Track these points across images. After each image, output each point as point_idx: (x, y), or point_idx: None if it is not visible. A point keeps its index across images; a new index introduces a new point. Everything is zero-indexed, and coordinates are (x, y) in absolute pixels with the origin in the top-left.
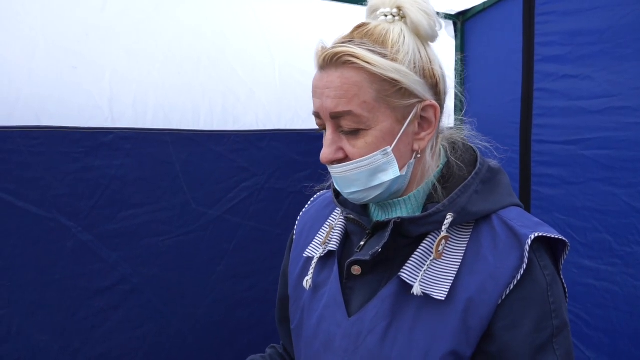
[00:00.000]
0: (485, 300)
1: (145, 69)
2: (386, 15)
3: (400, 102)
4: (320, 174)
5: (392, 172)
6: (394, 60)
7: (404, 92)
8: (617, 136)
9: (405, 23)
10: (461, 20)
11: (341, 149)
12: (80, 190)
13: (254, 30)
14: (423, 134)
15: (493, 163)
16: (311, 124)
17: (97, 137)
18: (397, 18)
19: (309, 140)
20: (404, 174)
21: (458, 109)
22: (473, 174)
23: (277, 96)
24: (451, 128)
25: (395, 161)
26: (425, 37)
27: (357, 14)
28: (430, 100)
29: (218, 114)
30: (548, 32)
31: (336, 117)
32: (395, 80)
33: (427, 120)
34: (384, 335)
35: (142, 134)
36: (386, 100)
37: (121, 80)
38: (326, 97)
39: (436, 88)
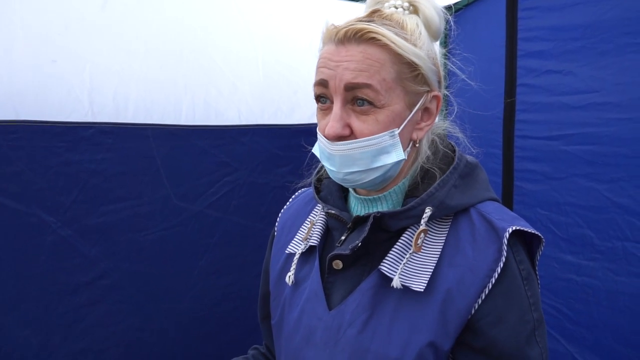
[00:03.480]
0: (464, 292)
1: (126, 63)
2: (397, 8)
3: (415, 87)
4: (302, 168)
5: (395, 155)
6: (415, 45)
7: (420, 78)
8: (600, 132)
9: (419, 17)
10: None
11: (348, 125)
12: (60, 184)
13: (238, 23)
14: (423, 124)
15: (470, 158)
16: (293, 118)
17: (77, 132)
18: (407, 12)
19: (291, 135)
20: (406, 157)
21: (442, 104)
22: (451, 168)
23: (260, 90)
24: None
25: (400, 144)
26: (434, 34)
27: (342, 10)
28: (437, 91)
29: (200, 109)
30: (531, 27)
31: (351, 88)
32: (415, 65)
33: (429, 111)
34: (364, 327)
35: (123, 129)
36: (403, 83)
37: (102, 74)
38: (344, 69)
39: (440, 81)
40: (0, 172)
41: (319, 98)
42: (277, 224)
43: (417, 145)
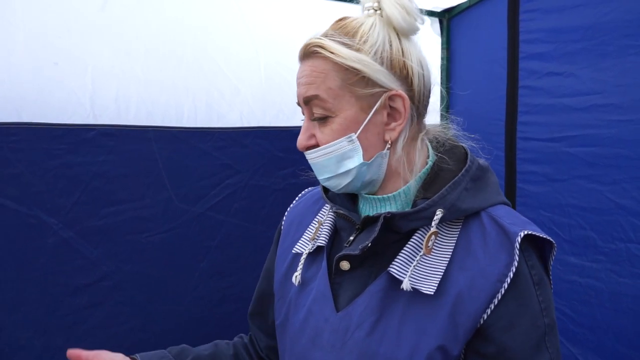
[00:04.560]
0: (474, 296)
1: (127, 65)
2: (368, 9)
3: (364, 90)
4: (304, 171)
5: (357, 159)
6: (358, 50)
7: (367, 81)
8: (601, 133)
9: (381, 16)
10: (447, 18)
11: (313, 135)
12: (62, 186)
13: (239, 26)
14: (393, 124)
15: (482, 161)
16: (295, 121)
17: (78, 134)
18: (377, 12)
19: (293, 137)
20: (369, 161)
21: (444, 106)
22: (463, 171)
23: (261, 93)
24: (439, 125)
25: (361, 148)
26: (400, 30)
27: (341, 11)
28: (397, 90)
29: (202, 111)
30: (532, 29)
31: (307, 101)
32: (357, 70)
33: (396, 110)
34: (372, 330)
35: (124, 131)
36: (350, 89)
37: (103, 76)
38: (301, 85)
39: (406, 79)
40: (0, 174)
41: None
42: (283, 221)
43: (389, 146)
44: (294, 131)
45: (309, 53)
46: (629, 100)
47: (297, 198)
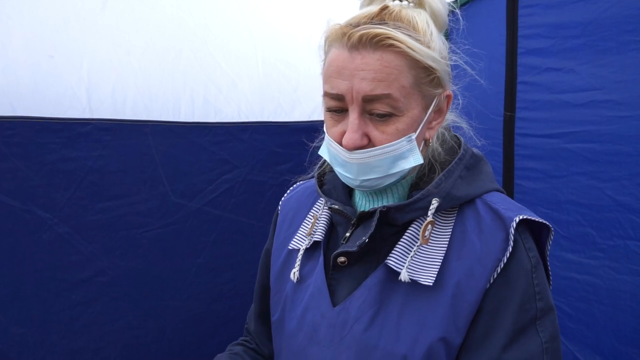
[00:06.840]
0: (473, 285)
1: (124, 59)
2: (401, 0)
3: (430, 90)
4: (302, 166)
5: (413, 160)
6: (429, 47)
7: (436, 81)
8: (601, 129)
9: (425, 10)
10: None
11: (366, 134)
12: (57, 181)
13: (237, 20)
14: (434, 123)
15: (476, 150)
16: (293, 116)
17: (74, 128)
18: (412, 5)
19: (291, 133)
20: (422, 160)
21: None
22: (457, 159)
23: (259, 88)
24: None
25: (417, 149)
26: (441, 26)
27: (340, 5)
28: (450, 90)
29: (199, 105)
30: (531, 24)
31: (370, 100)
32: (432, 69)
33: (440, 109)
34: (371, 323)
35: (121, 125)
36: (420, 88)
37: (100, 70)
38: (360, 80)
39: (450, 77)
40: None
41: (331, 109)
42: (279, 210)
43: (429, 144)
44: (292, 126)
45: (376, 44)
46: (629, 96)
47: (288, 190)
